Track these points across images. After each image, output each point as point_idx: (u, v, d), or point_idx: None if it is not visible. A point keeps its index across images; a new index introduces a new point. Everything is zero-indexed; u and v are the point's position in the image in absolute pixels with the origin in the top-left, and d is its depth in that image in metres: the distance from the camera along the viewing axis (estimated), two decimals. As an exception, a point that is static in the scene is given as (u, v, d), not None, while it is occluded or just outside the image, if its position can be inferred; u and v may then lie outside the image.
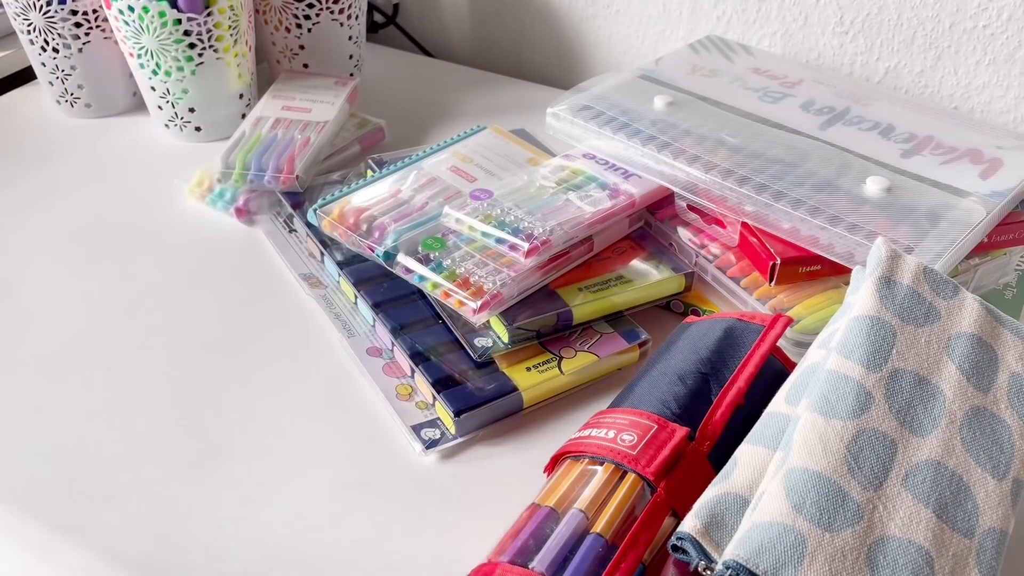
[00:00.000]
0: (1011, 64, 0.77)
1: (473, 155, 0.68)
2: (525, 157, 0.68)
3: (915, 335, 0.42)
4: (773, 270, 0.57)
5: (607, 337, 0.57)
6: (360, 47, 0.89)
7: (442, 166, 0.66)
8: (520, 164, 0.67)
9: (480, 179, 0.64)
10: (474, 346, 0.54)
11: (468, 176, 0.65)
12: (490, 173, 0.65)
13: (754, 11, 0.85)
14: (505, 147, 0.69)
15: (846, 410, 0.38)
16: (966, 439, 0.39)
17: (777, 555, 0.33)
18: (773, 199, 0.57)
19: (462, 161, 0.67)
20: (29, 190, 0.74)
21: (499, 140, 0.70)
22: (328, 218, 0.61)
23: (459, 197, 0.62)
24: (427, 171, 0.65)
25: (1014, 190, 0.59)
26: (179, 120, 0.79)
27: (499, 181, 0.64)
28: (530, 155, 0.68)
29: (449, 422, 0.52)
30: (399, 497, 0.49)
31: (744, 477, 0.38)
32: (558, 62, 0.99)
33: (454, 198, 0.62)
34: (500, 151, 0.69)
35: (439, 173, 0.65)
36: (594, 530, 0.39)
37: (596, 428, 0.44)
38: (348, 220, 0.61)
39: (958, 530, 0.36)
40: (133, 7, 0.71)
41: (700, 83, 0.71)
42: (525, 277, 0.56)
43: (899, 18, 0.80)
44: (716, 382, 0.46)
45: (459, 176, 0.65)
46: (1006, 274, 0.63)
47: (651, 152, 0.62)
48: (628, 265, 0.61)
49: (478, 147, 0.69)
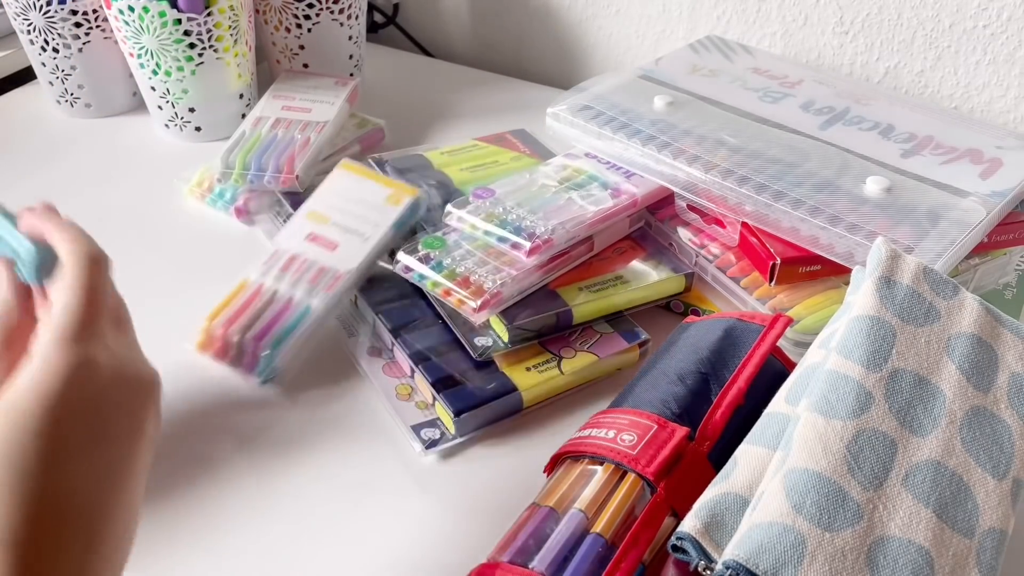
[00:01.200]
0: (1011, 64, 0.77)
1: (328, 211, 0.61)
2: (383, 195, 0.61)
3: (915, 335, 0.42)
4: (773, 270, 0.57)
5: (607, 337, 0.57)
6: (360, 47, 0.89)
7: (299, 237, 0.60)
8: (379, 208, 0.60)
9: (341, 242, 0.58)
10: (474, 345, 0.54)
11: (328, 242, 0.58)
12: (349, 231, 0.59)
13: (754, 11, 0.85)
14: (359, 187, 0.62)
15: (846, 410, 0.38)
16: (966, 439, 0.39)
17: (777, 555, 0.33)
18: (773, 199, 0.57)
19: (318, 224, 0.60)
20: (29, 190, 0.74)
21: (351, 179, 0.63)
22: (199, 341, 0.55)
23: (323, 275, 0.57)
24: (285, 251, 0.59)
25: (1014, 190, 0.59)
26: (179, 120, 0.79)
27: (360, 239, 0.58)
28: (389, 191, 0.62)
29: (449, 422, 0.52)
30: (399, 497, 0.49)
31: (744, 477, 0.38)
32: (558, 62, 0.99)
33: (320, 277, 0.57)
34: (353, 195, 0.62)
35: (298, 249, 0.59)
36: (594, 530, 0.39)
37: (596, 428, 0.44)
38: (216, 342, 0.54)
39: (958, 530, 0.36)
40: (133, 7, 0.71)
41: (700, 83, 0.71)
42: (525, 276, 0.56)
43: (899, 18, 0.80)
44: (716, 382, 0.46)
45: (318, 245, 0.59)
46: (1006, 274, 0.63)
47: (651, 152, 0.62)
48: (628, 265, 0.61)
49: (331, 197, 0.62)
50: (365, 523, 0.48)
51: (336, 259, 0.58)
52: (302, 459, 0.51)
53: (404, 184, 0.62)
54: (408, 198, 0.61)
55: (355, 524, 0.47)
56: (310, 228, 0.60)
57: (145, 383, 0.37)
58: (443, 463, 0.51)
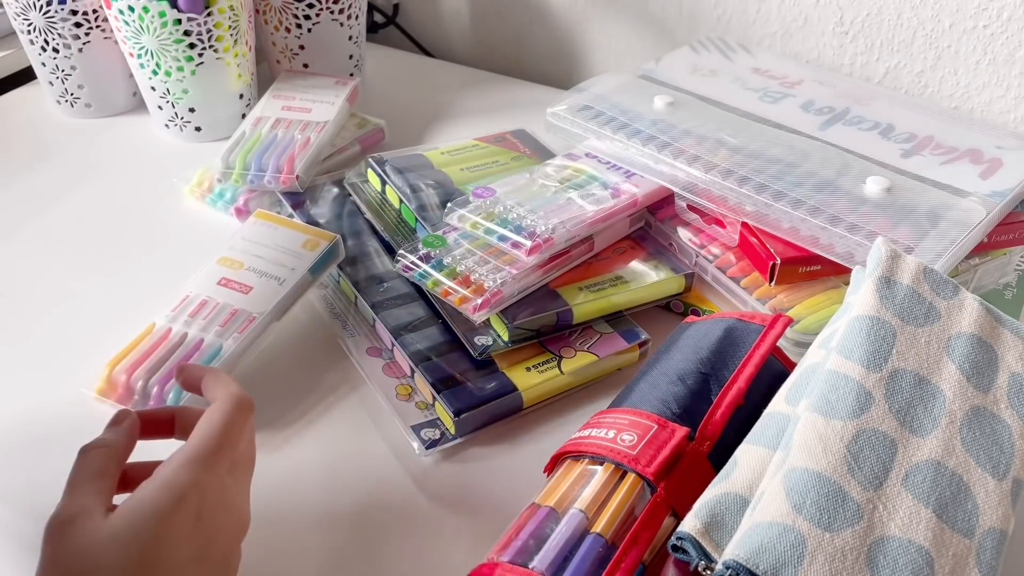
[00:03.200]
0: (1011, 64, 0.77)
1: (242, 257, 0.59)
2: (299, 241, 0.60)
3: (915, 335, 0.42)
4: (773, 270, 0.57)
5: (607, 337, 0.57)
6: (360, 47, 0.89)
7: (210, 282, 0.57)
8: (295, 253, 0.59)
9: (255, 285, 0.57)
10: (474, 344, 0.54)
11: (242, 286, 0.57)
12: (264, 275, 0.57)
13: (754, 11, 0.85)
14: (274, 234, 0.61)
15: (846, 410, 0.38)
16: (966, 439, 0.39)
17: (777, 555, 0.33)
18: (773, 199, 0.57)
19: (231, 269, 0.58)
20: (29, 190, 0.74)
21: (266, 227, 0.61)
22: (99, 388, 0.52)
23: (236, 318, 0.55)
24: (195, 295, 0.56)
25: (1014, 190, 0.59)
26: (179, 120, 0.79)
27: (275, 283, 0.56)
28: (305, 236, 0.60)
29: (449, 422, 0.52)
30: (399, 497, 0.49)
31: (744, 477, 0.38)
32: (558, 62, 0.99)
33: (232, 321, 0.54)
34: (269, 240, 0.60)
35: (209, 293, 0.56)
36: (594, 530, 0.39)
37: (596, 428, 0.44)
38: (118, 388, 0.52)
39: (958, 530, 0.36)
40: (133, 7, 0.71)
41: (700, 83, 0.71)
42: (525, 275, 0.56)
43: (899, 18, 0.80)
44: (716, 382, 0.46)
45: (231, 289, 0.57)
46: (1006, 274, 0.63)
47: (651, 152, 0.62)
48: (628, 265, 0.61)
49: (245, 244, 0.60)
50: (365, 523, 0.48)
51: (250, 302, 0.56)
52: (302, 459, 0.51)
53: (321, 231, 0.61)
54: (325, 243, 0.59)
55: (355, 524, 0.47)
56: (222, 273, 0.58)
57: (243, 525, 0.40)
58: (443, 463, 0.51)
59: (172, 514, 0.35)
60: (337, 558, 0.46)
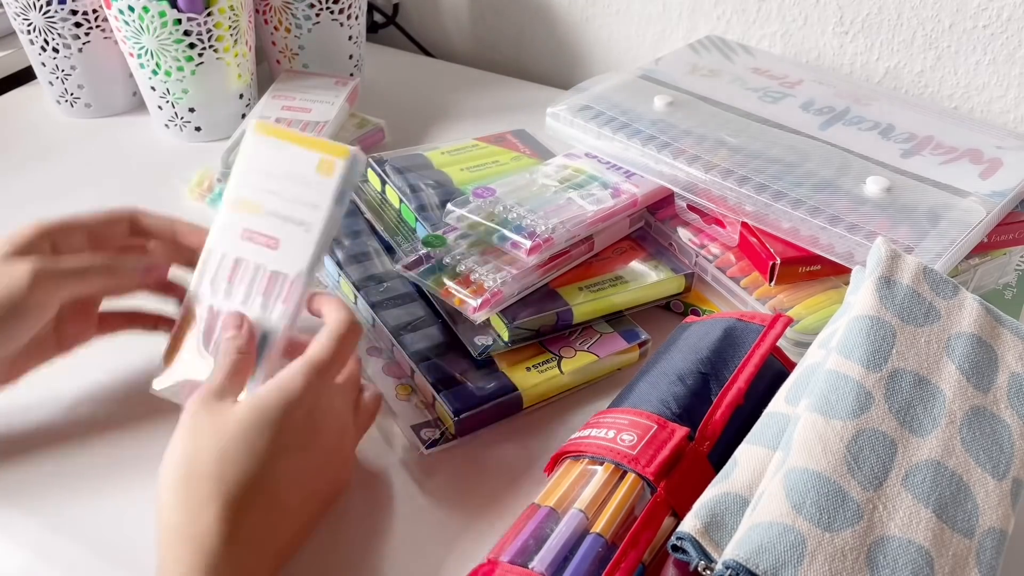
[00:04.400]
0: (1011, 64, 0.77)
1: (257, 196, 0.50)
2: (312, 164, 0.50)
3: (915, 335, 0.42)
4: (773, 270, 0.57)
5: (607, 337, 0.57)
6: (360, 47, 0.89)
7: (233, 234, 0.50)
8: (312, 183, 0.50)
9: (281, 237, 0.49)
10: (474, 344, 0.54)
11: (268, 239, 0.50)
12: (287, 220, 0.50)
13: (754, 11, 0.85)
14: (281, 158, 0.51)
15: (846, 410, 0.38)
16: (966, 439, 0.39)
17: (777, 555, 0.33)
18: (773, 199, 0.57)
19: (250, 215, 0.50)
20: (29, 190, 0.74)
21: (271, 148, 0.51)
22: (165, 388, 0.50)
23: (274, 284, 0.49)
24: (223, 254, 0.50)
25: (1014, 190, 0.59)
26: (179, 120, 0.79)
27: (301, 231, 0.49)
28: (316, 156, 0.50)
29: (449, 422, 0.52)
30: (399, 497, 0.49)
31: (744, 477, 0.38)
32: (558, 62, 0.99)
33: (272, 287, 0.49)
34: (279, 169, 0.50)
35: (238, 251, 0.50)
36: (594, 530, 0.39)
37: (596, 428, 0.44)
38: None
39: (958, 530, 0.36)
40: (133, 7, 0.71)
41: (700, 83, 0.71)
42: (525, 275, 0.56)
43: (899, 18, 0.80)
44: (716, 382, 0.46)
45: (257, 244, 0.50)
46: (1006, 274, 0.63)
47: (651, 152, 0.62)
48: (628, 265, 0.61)
49: (255, 177, 0.51)
50: (365, 523, 0.48)
51: (281, 259, 0.50)
52: (302, 459, 0.51)
53: (334, 144, 0.51)
54: (341, 162, 0.50)
55: (355, 524, 0.47)
56: (243, 223, 0.51)
57: (347, 429, 0.48)
58: (443, 463, 0.51)
59: (288, 410, 0.42)
60: (337, 558, 0.46)
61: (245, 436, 0.41)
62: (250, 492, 0.40)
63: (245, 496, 0.40)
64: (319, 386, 0.44)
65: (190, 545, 0.39)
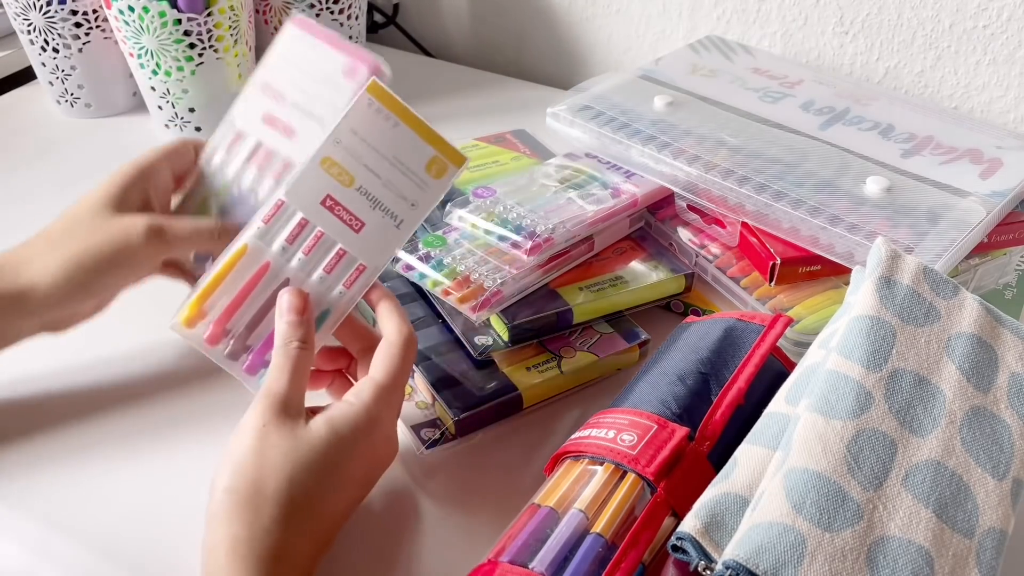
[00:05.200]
0: (1011, 64, 0.77)
1: (354, 166, 0.46)
2: (424, 158, 0.46)
3: (915, 335, 0.42)
4: (773, 270, 0.57)
5: (607, 337, 0.57)
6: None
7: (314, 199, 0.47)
8: (417, 177, 0.47)
9: (368, 222, 0.46)
10: (474, 344, 0.54)
11: (352, 218, 0.47)
12: (377, 204, 0.46)
13: (754, 11, 0.85)
14: (386, 133, 0.46)
15: (846, 410, 0.38)
16: (966, 439, 0.39)
17: (777, 555, 0.33)
18: (773, 199, 0.57)
19: (336, 178, 0.46)
20: (29, 190, 0.74)
21: (380, 117, 0.46)
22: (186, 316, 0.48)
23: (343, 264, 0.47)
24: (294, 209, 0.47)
25: (1014, 190, 0.59)
26: (179, 120, 0.79)
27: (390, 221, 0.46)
28: (432, 152, 0.47)
29: (449, 422, 0.52)
30: (399, 497, 0.49)
31: (744, 477, 0.38)
32: (558, 62, 0.99)
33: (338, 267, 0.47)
34: (383, 143, 0.46)
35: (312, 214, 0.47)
36: (594, 530, 0.39)
37: (596, 428, 0.44)
38: (209, 328, 0.48)
39: (958, 530, 0.36)
40: (133, 7, 0.71)
41: (700, 83, 0.71)
42: (525, 275, 0.56)
43: (899, 18, 0.80)
44: (716, 382, 0.46)
45: (337, 218, 0.47)
46: (1006, 274, 0.63)
47: (651, 152, 0.62)
48: (628, 265, 0.61)
49: (356, 142, 0.46)
50: (365, 523, 0.48)
51: (361, 244, 0.46)
52: (302, 459, 0.51)
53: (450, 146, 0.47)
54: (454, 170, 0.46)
55: (355, 524, 0.47)
56: (327, 188, 0.46)
57: (392, 452, 0.47)
58: (443, 463, 0.51)
59: (361, 440, 0.42)
60: (337, 558, 0.46)
61: (319, 465, 0.41)
62: (314, 517, 0.41)
63: (308, 521, 0.41)
64: (388, 413, 0.44)
65: (248, 563, 0.38)
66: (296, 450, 0.41)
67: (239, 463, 0.41)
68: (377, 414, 0.43)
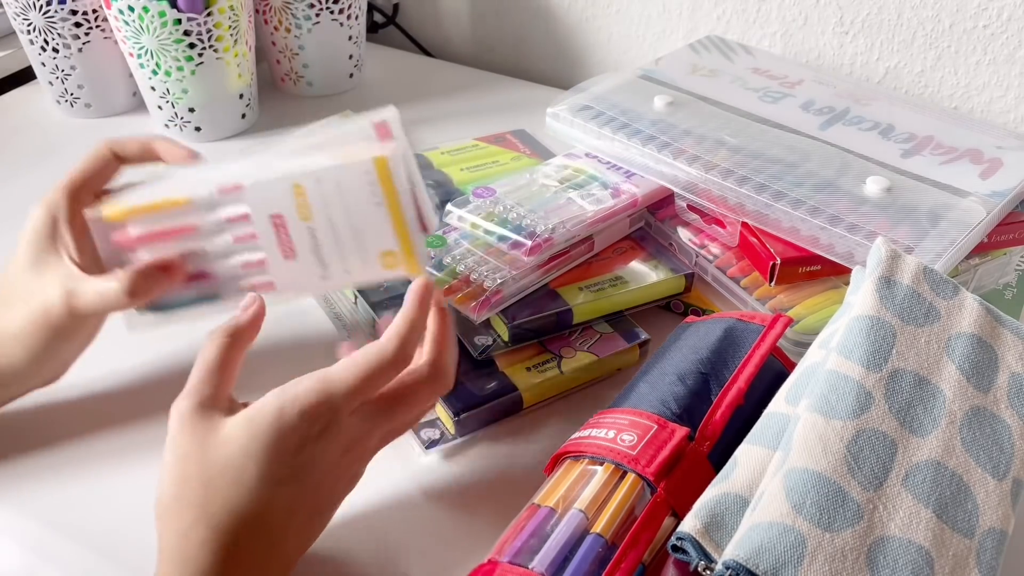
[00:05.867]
0: (1011, 64, 0.77)
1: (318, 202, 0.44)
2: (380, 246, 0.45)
3: (915, 335, 0.42)
4: (773, 270, 0.57)
5: (607, 337, 0.57)
6: (360, 47, 0.89)
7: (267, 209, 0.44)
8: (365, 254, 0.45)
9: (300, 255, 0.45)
10: (474, 344, 0.54)
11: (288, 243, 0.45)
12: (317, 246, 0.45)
13: (754, 11, 0.85)
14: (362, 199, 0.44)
15: (846, 410, 0.38)
16: (966, 439, 0.39)
17: (777, 555, 0.33)
18: (773, 199, 0.57)
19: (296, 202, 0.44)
20: (29, 190, 0.74)
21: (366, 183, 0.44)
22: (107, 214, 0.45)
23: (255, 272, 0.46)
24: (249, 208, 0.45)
25: (1014, 190, 0.59)
26: (179, 120, 0.79)
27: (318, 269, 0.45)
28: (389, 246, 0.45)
29: (449, 422, 0.52)
30: (399, 497, 0.49)
31: (744, 477, 0.38)
32: (558, 62, 0.99)
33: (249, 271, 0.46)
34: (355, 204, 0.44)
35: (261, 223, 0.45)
36: (594, 530, 0.39)
37: (596, 428, 0.44)
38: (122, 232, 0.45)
39: (958, 530, 0.36)
40: (133, 7, 0.71)
41: (700, 83, 0.71)
42: (525, 275, 0.56)
43: (899, 18, 0.80)
44: (716, 382, 0.46)
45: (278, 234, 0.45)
46: (1006, 274, 0.63)
47: (651, 152, 0.62)
48: (628, 265, 0.61)
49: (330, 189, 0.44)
50: (365, 523, 0.48)
51: (282, 270, 0.45)
52: (302, 459, 0.51)
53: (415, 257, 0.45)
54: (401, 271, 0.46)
55: (355, 524, 0.47)
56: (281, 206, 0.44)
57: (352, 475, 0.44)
58: (443, 463, 0.51)
59: (280, 437, 0.38)
60: (336, 558, 0.46)
61: (232, 463, 0.38)
62: (238, 522, 0.38)
63: (233, 526, 0.38)
64: (328, 415, 0.39)
65: (180, 568, 0.38)
66: (209, 451, 0.38)
67: (163, 467, 0.40)
68: (302, 415, 0.38)
